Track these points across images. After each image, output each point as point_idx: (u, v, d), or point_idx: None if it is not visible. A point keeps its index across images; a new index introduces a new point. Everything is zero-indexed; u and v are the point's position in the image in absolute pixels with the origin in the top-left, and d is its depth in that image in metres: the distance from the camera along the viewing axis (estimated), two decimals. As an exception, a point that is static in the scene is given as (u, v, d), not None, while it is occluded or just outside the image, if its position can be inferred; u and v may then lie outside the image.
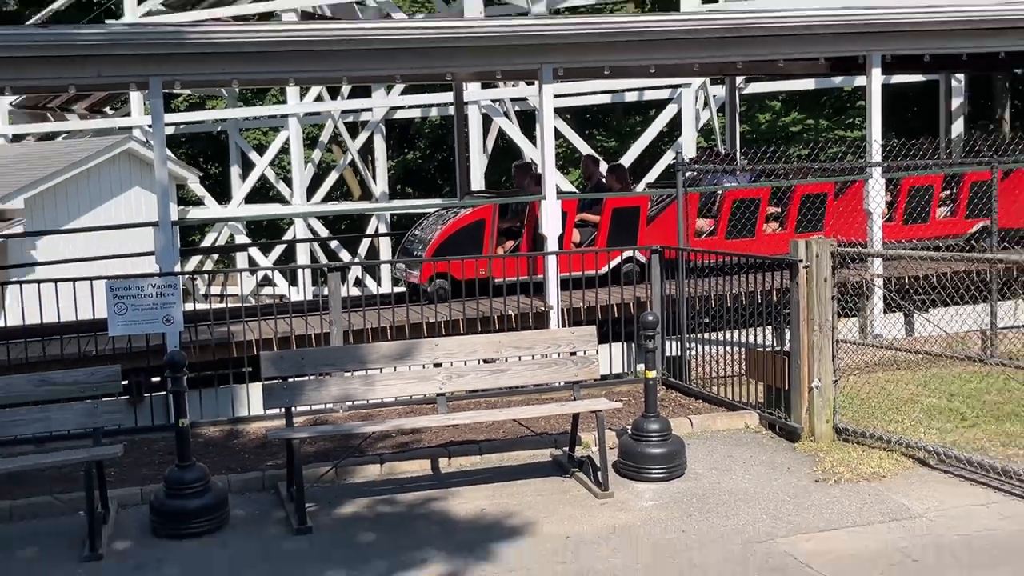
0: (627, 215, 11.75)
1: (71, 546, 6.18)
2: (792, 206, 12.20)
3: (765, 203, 12.11)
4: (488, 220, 11.55)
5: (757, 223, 12.03)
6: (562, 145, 23.81)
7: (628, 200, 11.92)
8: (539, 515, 6.45)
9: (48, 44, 9.11)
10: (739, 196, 11.86)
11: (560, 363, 7.49)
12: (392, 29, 10.61)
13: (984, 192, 12.56)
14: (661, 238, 11.31)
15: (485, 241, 11.43)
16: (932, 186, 12.59)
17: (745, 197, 11.90)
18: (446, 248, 11.14)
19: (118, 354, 9.15)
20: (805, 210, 12.16)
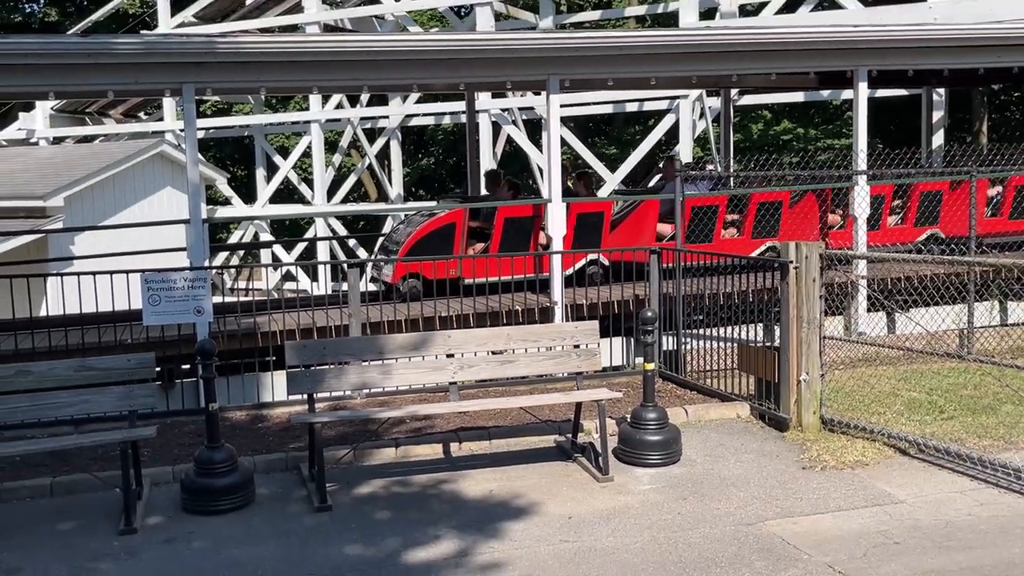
0: (592, 220, 11.59)
1: (108, 520, 6.21)
2: (749, 213, 12.09)
3: (723, 210, 11.92)
4: (459, 223, 11.42)
5: (715, 229, 11.87)
6: (567, 152, 23.82)
7: (594, 205, 11.79)
8: (543, 497, 6.46)
9: (89, 53, 9.14)
10: (698, 203, 11.64)
11: (564, 355, 7.51)
12: (409, 41, 10.65)
13: (933, 202, 12.57)
14: (624, 242, 11.33)
15: (456, 242, 11.30)
16: (883, 196, 12.44)
17: (703, 204, 11.72)
18: (419, 249, 11.06)
19: (152, 342, 9.18)
20: (760, 217, 12.06)
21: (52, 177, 19.18)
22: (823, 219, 12.32)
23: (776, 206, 12.10)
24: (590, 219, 11.63)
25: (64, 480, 6.84)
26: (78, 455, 7.21)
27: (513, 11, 24.39)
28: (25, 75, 9.13)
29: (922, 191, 12.63)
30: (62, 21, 34.43)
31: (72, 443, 6.75)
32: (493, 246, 11.38)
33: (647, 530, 5.86)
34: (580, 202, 11.73)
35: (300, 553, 5.64)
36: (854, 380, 8.45)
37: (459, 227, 11.41)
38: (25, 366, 6.77)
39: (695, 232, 11.41)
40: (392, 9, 23.04)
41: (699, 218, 11.56)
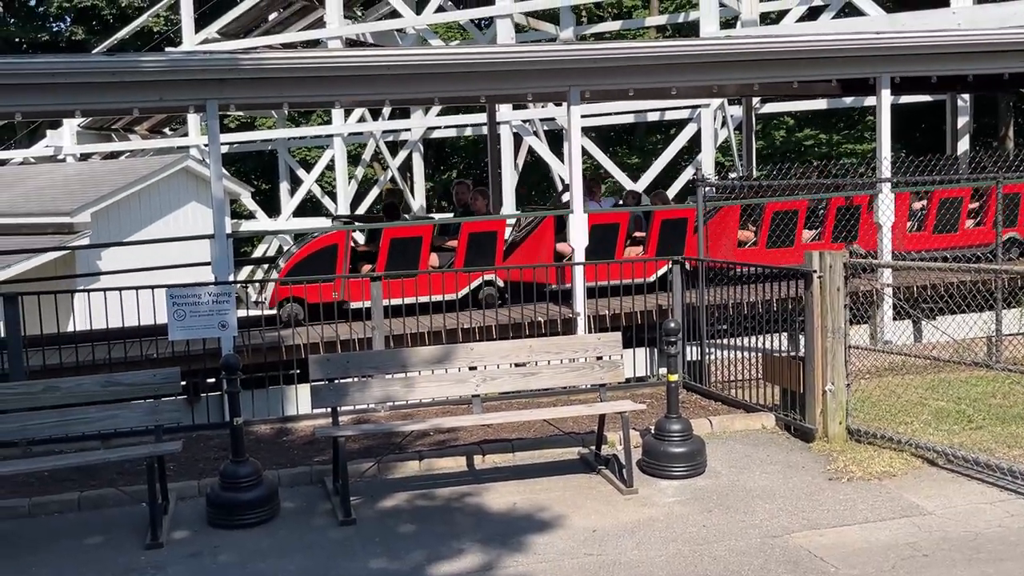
0: (485, 239, 11.37)
1: (134, 535, 6.25)
2: (653, 231, 11.81)
3: (625, 227, 11.67)
4: (341, 245, 11.09)
5: (617, 246, 11.58)
6: (588, 162, 23.82)
7: (486, 224, 11.53)
8: (568, 509, 6.45)
9: (115, 71, 9.26)
10: (600, 220, 11.44)
11: (587, 367, 7.49)
12: (430, 55, 10.70)
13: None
14: (523, 261, 11.26)
15: (338, 265, 10.96)
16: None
17: (605, 222, 11.51)
18: (299, 271, 10.78)
19: (177, 357, 9.25)
20: (666, 235, 11.86)
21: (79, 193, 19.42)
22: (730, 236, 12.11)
23: (683, 223, 11.75)
24: (483, 238, 11.38)
25: (91, 495, 6.89)
26: (105, 470, 7.27)
27: (533, 23, 24.48)
28: (53, 94, 9.26)
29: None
30: (88, 39, 34.91)
31: (99, 458, 6.81)
32: (380, 267, 10.98)
33: (672, 543, 5.83)
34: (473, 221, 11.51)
35: (325, 567, 5.65)
36: (880, 390, 8.37)
37: (341, 248, 11.04)
38: (53, 382, 6.84)
39: (597, 249, 11.03)
40: (413, 23, 23.19)
41: (600, 235, 11.23)
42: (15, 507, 6.73)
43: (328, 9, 23.40)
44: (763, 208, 12.10)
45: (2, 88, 9.05)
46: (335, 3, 23.05)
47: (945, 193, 12.64)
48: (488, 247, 11.38)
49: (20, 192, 20.82)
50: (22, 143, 30.02)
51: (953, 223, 12.87)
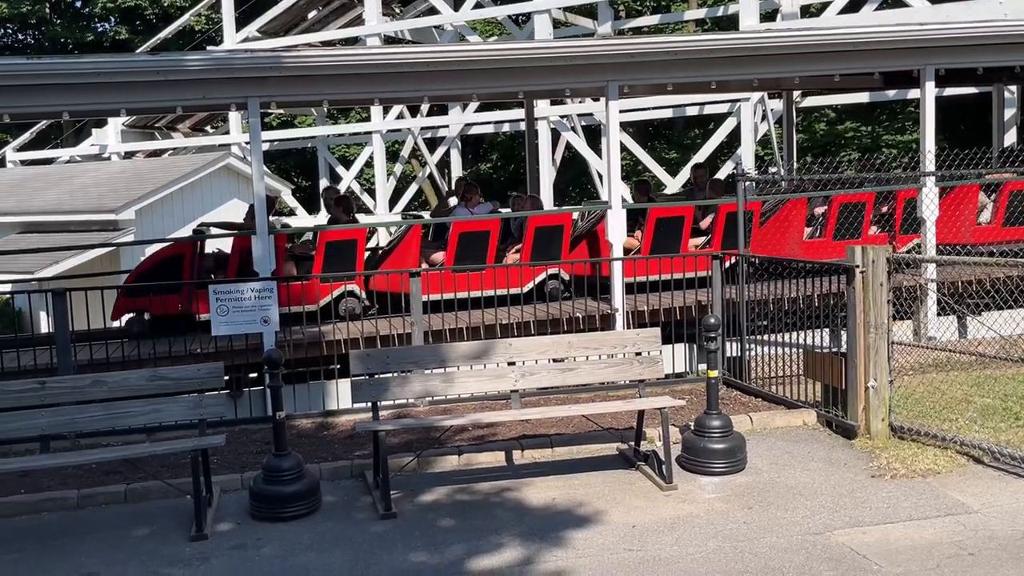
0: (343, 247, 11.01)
1: (179, 527, 6.36)
2: (527, 238, 11.35)
3: (496, 235, 11.31)
4: (187, 255, 10.76)
5: (488, 254, 11.08)
6: (626, 157, 23.72)
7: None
8: (607, 505, 6.44)
9: (160, 71, 9.39)
10: (465, 228, 11.09)
11: (626, 363, 7.47)
12: (468, 52, 10.72)
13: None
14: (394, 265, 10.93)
15: (185, 276, 10.56)
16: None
17: (472, 230, 11.10)
18: (145, 281, 10.42)
19: (220, 352, 9.36)
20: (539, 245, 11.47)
21: (124, 191, 19.74)
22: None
23: (558, 230, 11.38)
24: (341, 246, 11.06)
25: (137, 487, 7.02)
26: (150, 462, 7.39)
27: (572, 18, 24.42)
28: (99, 93, 9.41)
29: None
30: (132, 39, 35.44)
31: (145, 451, 6.93)
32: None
33: (712, 539, 5.80)
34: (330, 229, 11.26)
35: (366, 560, 5.71)
36: (924, 386, 8.25)
37: (187, 259, 10.73)
38: (100, 376, 6.97)
39: (464, 258, 10.74)
40: (451, 19, 23.23)
41: (468, 243, 10.92)
42: (64, 498, 6.87)
43: (367, 7, 23.53)
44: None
45: (50, 88, 9.21)
46: (373, 1, 23.18)
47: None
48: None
49: (67, 190, 21.22)
50: (69, 142, 30.58)
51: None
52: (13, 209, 20.72)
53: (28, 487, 7.11)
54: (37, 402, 6.59)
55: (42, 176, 24.58)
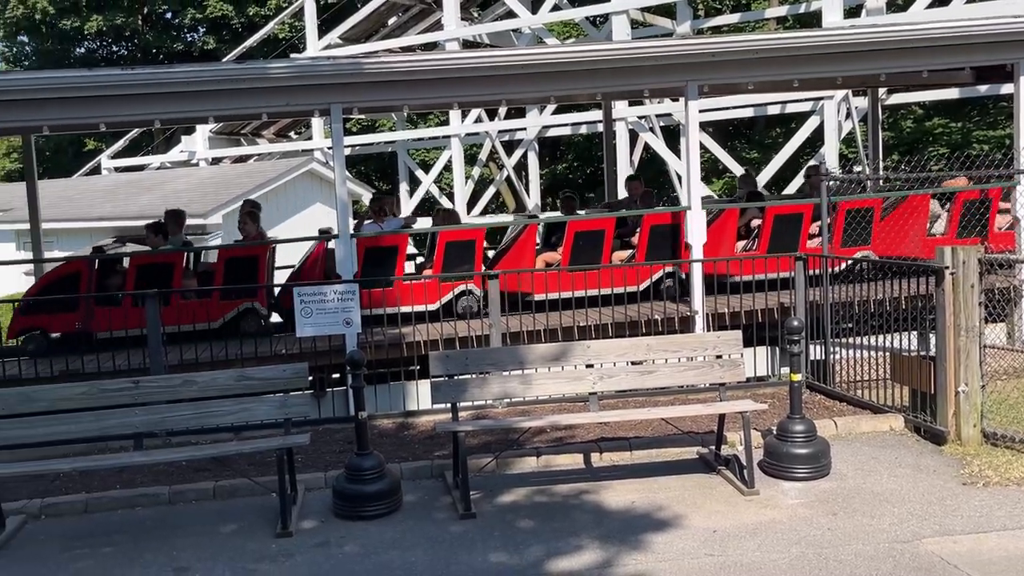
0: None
1: (265, 523, 6.51)
2: (438, 253, 11.12)
3: (404, 249, 11.18)
4: (84, 272, 10.51)
5: (397, 268, 10.88)
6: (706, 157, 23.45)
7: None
8: (687, 509, 6.37)
9: (246, 79, 9.64)
10: (372, 244, 10.87)
11: (706, 366, 7.38)
12: (545, 54, 10.71)
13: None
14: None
15: (82, 293, 10.33)
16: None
17: (381, 245, 10.95)
18: (41, 301, 10.22)
19: (304, 353, 9.56)
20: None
21: (211, 196, 20.33)
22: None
23: (471, 245, 11.14)
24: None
25: (225, 484, 7.21)
26: (237, 460, 7.58)
27: (650, 18, 24.25)
28: (189, 101, 9.70)
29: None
30: (219, 48, 36.50)
31: (233, 450, 7.12)
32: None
33: (795, 546, 5.69)
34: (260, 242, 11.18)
35: (446, 559, 5.76)
36: (1019, 391, 7.96)
37: (84, 276, 10.47)
38: (190, 376, 7.19)
39: (372, 271, 10.51)
40: (529, 22, 23.30)
41: (375, 257, 10.69)
42: (157, 494, 7.11)
43: (445, 12, 23.75)
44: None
45: (143, 97, 9.53)
46: (452, 6, 23.39)
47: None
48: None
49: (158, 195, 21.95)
50: (159, 149, 31.60)
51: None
52: (108, 214, 21.55)
53: (123, 483, 7.37)
54: (131, 401, 6.82)
55: (135, 182, 25.51)
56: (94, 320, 10.08)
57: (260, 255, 10.80)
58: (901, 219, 11.39)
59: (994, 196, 11.66)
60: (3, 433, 6.64)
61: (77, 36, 38.77)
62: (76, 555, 6.12)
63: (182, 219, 11.80)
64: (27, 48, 40.46)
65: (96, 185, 26.73)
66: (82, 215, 21.64)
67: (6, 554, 6.23)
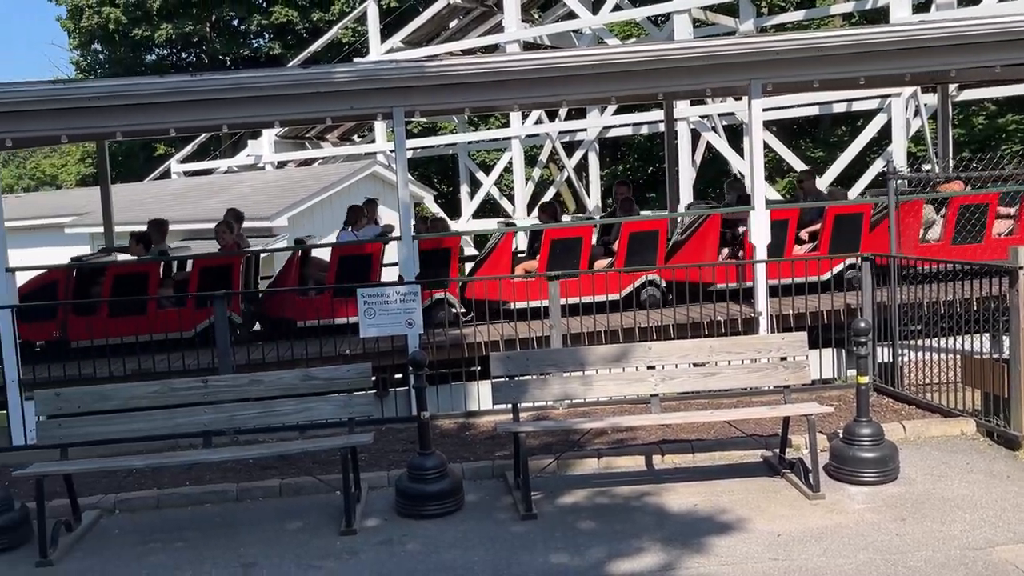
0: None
1: (329, 521, 6.61)
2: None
3: (379, 257, 11.19)
4: (61, 281, 10.89)
5: (371, 275, 10.90)
6: (769, 157, 23.12)
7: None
8: (750, 513, 6.30)
9: (311, 83, 9.79)
10: (345, 252, 11.02)
11: (770, 368, 7.29)
12: (606, 55, 10.67)
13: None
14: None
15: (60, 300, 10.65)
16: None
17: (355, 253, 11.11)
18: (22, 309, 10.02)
19: (367, 353, 9.68)
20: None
21: (277, 199, 20.69)
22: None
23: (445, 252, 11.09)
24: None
25: (291, 482, 7.33)
26: (302, 459, 7.70)
27: (712, 17, 24.02)
28: (255, 106, 9.89)
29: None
30: (284, 53, 37.14)
31: (298, 448, 7.24)
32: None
33: (862, 551, 5.58)
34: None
35: (508, 560, 5.77)
36: (1098, 396, 7.68)
37: (61, 285, 10.81)
38: (257, 376, 7.33)
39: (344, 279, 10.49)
40: (589, 23, 23.25)
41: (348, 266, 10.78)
42: (225, 491, 7.26)
43: (506, 14, 23.84)
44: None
45: (212, 103, 9.74)
46: (513, 8, 23.45)
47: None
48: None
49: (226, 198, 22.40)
50: (227, 153, 32.28)
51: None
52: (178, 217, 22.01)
53: (193, 480, 7.55)
54: (200, 400, 6.98)
55: (204, 186, 26.08)
56: (71, 329, 10.40)
57: (235, 264, 10.98)
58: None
59: (991, 201, 11.35)
60: (81, 430, 6.85)
61: (147, 44, 39.82)
62: (149, 549, 6.29)
63: (164, 228, 12.16)
64: (100, 57, 41.65)
65: (166, 189, 27.41)
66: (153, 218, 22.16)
67: (82, 547, 6.43)
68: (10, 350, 9.27)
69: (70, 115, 9.58)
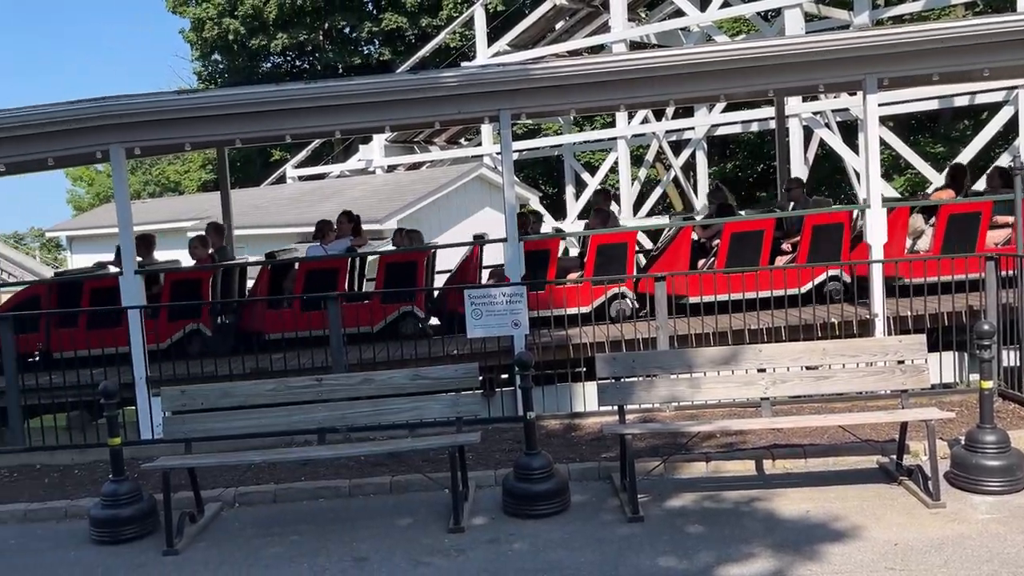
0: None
1: (437, 518, 6.72)
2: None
3: (344, 271, 11.24)
4: (42, 295, 11.21)
5: (338, 288, 10.85)
6: (886, 154, 22.34)
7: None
8: (865, 520, 6.11)
9: (419, 88, 9.96)
10: (315, 267, 11.07)
11: (887, 371, 7.06)
12: (714, 52, 10.51)
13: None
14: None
15: (42, 316, 10.80)
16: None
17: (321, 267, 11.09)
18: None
19: (474, 353, 9.78)
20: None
21: (387, 202, 21.13)
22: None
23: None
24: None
25: (400, 479, 7.49)
26: (411, 456, 7.86)
27: (825, 10, 23.36)
28: (367, 112, 10.14)
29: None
30: (394, 59, 37.89)
31: (408, 446, 7.39)
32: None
33: (986, 563, 5.35)
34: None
35: (615, 561, 5.76)
36: None
37: (43, 301, 11.08)
38: (369, 375, 7.52)
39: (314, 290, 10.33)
40: (697, 20, 22.93)
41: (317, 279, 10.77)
42: (338, 487, 7.47)
43: (613, 14, 23.72)
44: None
45: (325, 109, 10.02)
46: (619, 7, 23.32)
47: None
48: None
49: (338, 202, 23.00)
50: (339, 158, 33.12)
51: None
52: (293, 221, 22.78)
53: (307, 475, 7.80)
54: (315, 397, 7.21)
55: (317, 190, 26.86)
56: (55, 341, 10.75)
57: (204, 279, 11.27)
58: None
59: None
60: (204, 426, 7.16)
61: (264, 53, 41.22)
62: (267, 541, 6.52)
63: (149, 243, 12.42)
64: (220, 66, 43.33)
65: (282, 193, 28.33)
66: (270, 222, 22.97)
67: (206, 537, 6.72)
68: (138, 349, 9.75)
69: (193, 124, 10.01)
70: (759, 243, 10.85)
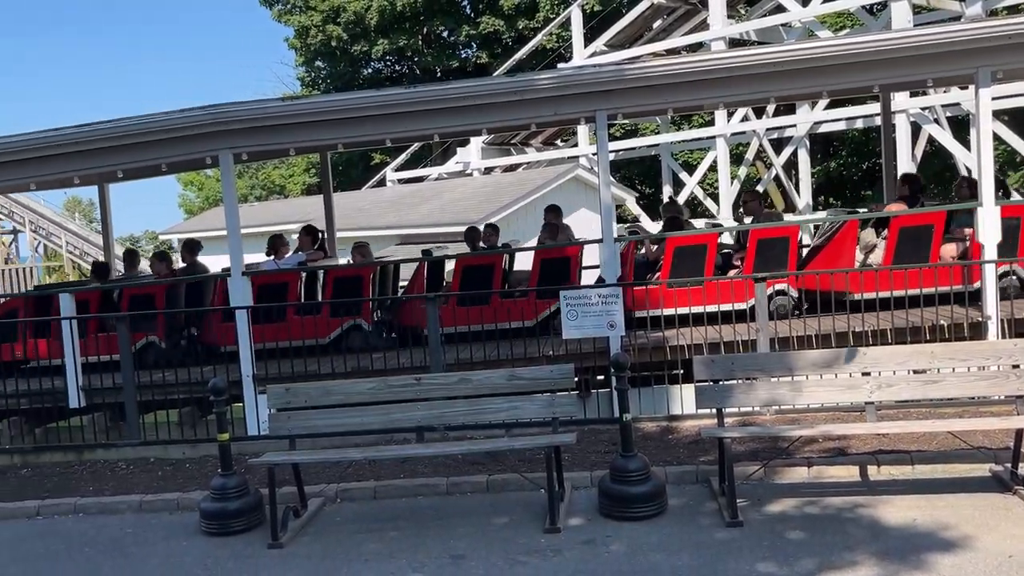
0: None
1: (533, 518, 6.75)
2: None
3: (295, 286, 11.21)
4: (20, 308, 11.62)
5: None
6: (1000, 149, 21.41)
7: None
8: (977, 530, 5.87)
9: (516, 91, 10.01)
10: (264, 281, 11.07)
11: (1000, 376, 6.76)
12: (815, 48, 10.24)
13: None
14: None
15: (19, 328, 11.00)
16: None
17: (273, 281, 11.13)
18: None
19: (570, 354, 9.77)
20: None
21: (484, 203, 21.33)
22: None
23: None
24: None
25: (497, 479, 7.55)
26: (508, 456, 7.91)
27: (934, 2, 22.51)
28: (464, 115, 10.24)
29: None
30: (491, 62, 38.20)
31: (504, 446, 7.45)
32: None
33: (1109, 580, 5.08)
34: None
35: (713, 566, 5.68)
36: None
37: (20, 313, 11.44)
38: (466, 375, 7.60)
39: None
40: (799, 15, 22.41)
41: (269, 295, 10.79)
42: (436, 485, 7.58)
43: (711, 11, 23.38)
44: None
45: (425, 113, 10.16)
46: (718, 4, 22.97)
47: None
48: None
49: (437, 204, 23.36)
50: (437, 161, 33.57)
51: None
52: (393, 223, 23.23)
53: (406, 473, 7.93)
54: (413, 396, 7.33)
55: (416, 193, 27.28)
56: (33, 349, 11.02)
57: (157, 294, 11.42)
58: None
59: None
60: (307, 423, 7.35)
61: (365, 59, 42.10)
62: (367, 537, 6.67)
63: (134, 259, 13.11)
64: (322, 72, 44.44)
65: (382, 196, 28.87)
66: (371, 224, 23.44)
67: (309, 531, 6.91)
68: (246, 348, 10.07)
69: (298, 129, 10.29)
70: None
